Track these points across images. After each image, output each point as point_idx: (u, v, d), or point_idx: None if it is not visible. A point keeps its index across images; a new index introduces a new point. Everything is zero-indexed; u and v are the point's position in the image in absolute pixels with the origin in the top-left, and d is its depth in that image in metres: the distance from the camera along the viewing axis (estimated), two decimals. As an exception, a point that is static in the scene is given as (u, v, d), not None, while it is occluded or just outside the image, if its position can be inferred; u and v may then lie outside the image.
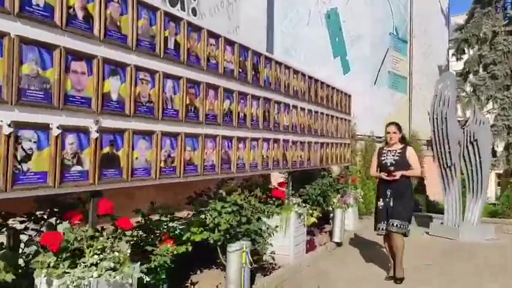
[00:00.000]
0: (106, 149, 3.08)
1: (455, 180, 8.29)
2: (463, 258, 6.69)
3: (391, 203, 5.26)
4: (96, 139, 2.98)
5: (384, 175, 5.34)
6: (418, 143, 13.57)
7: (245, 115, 4.82)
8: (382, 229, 5.39)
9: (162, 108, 3.57)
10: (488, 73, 15.40)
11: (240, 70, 4.74)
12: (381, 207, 5.39)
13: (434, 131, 8.32)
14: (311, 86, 6.74)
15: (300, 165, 6.40)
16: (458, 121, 9.20)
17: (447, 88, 8.13)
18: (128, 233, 3.24)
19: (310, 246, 6.56)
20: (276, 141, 5.58)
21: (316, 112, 6.93)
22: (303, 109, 6.42)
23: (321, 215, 6.83)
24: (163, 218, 4.34)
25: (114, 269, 2.91)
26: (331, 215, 7.53)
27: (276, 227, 5.16)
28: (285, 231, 5.77)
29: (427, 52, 17.36)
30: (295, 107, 6.16)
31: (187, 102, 3.90)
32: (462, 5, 48.46)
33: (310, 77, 6.66)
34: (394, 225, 5.21)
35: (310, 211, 6.54)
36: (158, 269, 3.83)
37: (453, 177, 8.27)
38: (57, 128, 2.73)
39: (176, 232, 4.43)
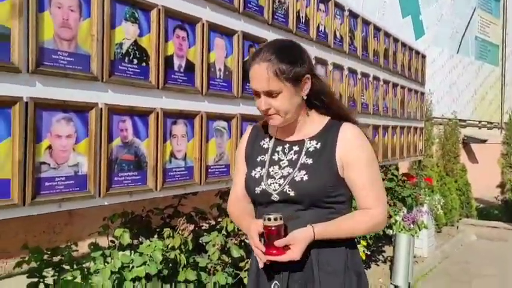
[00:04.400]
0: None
1: None
2: None
3: None
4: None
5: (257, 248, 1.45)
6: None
7: (190, 65, 2.32)
8: None
9: None
10: None
11: None
12: None
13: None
14: (354, 30, 4.01)
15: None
16: None
17: None
18: None
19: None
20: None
21: (364, 75, 4.19)
22: (338, 67, 3.72)
23: (367, 252, 4.12)
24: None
25: None
26: (393, 239, 4.77)
27: None
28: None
29: (527, 12, 13.64)
30: (321, 61, 3.48)
31: None
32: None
33: (350, 12, 3.93)
34: None
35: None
36: None
37: None
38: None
39: None
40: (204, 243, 2.48)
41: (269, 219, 1.38)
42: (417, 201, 5.36)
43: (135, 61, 2.02)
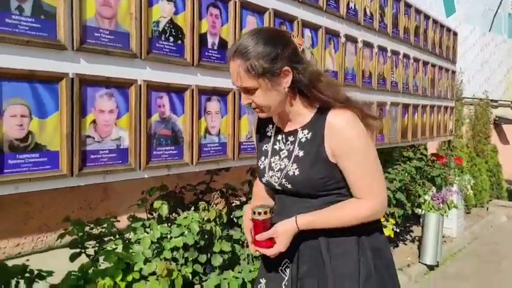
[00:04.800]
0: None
1: None
2: None
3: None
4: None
5: (249, 236, 1.51)
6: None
7: (203, 39, 2.35)
8: None
9: None
10: None
11: None
12: None
13: None
14: (385, 7, 3.95)
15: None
16: None
17: None
18: None
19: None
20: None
21: (394, 52, 4.14)
22: (368, 44, 3.70)
23: (396, 229, 4.12)
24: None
25: None
26: (421, 220, 4.75)
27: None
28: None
29: None
30: (351, 38, 3.47)
31: None
32: None
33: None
34: None
35: (382, 220, 3.90)
36: None
37: None
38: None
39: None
40: (235, 219, 2.56)
41: (254, 213, 1.40)
42: (446, 181, 5.31)
43: (171, 39, 2.07)
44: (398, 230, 4.22)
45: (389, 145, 4.28)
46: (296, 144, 1.45)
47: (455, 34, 5.73)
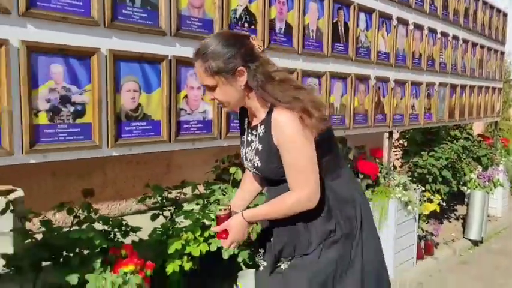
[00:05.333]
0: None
1: None
2: None
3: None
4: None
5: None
6: None
7: (288, 26, 2.60)
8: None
9: None
10: None
11: None
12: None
13: None
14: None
15: (411, 121, 3.93)
16: None
17: None
18: None
19: (427, 249, 4.15)
20: (361, 78, 3.22)
21: (444, 34, 4.26)
22: (419, 27, 3.85)
23: (444, 204, 4.29)
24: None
25: None
26: (466, 199, 4.89)
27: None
28: (379, 229, 3.48)
29: None
30: (402, 21, 3.64)
31: None
32: None
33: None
34: None
35: (428, 194, 4.10)
36: None
37: None
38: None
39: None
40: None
41: (218, 210, 1.72)
42: (493, 162, 5.40)
43: (246, 25, 2.35)
44: (444, 205, 4.38)
45: (437, 124, 4.44)
46: (256, 138, 1.63)
47: (505, 15, 5.72)
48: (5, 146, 1.55)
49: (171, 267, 2.15)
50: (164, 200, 2.69)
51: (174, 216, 2.67)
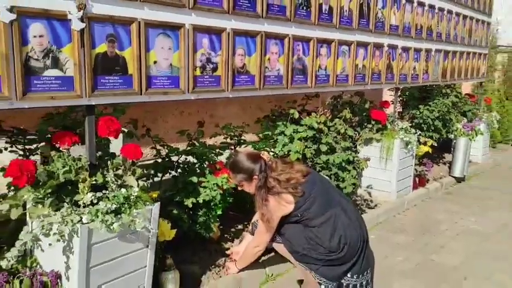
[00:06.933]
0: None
1: None
2: None
3: None
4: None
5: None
6: None
7: (330, 8, 3.56)
8: None
9: None
10: None
11: None
12: None
13: None
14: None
15: (412, 80, 4.96)
16: None
17: None
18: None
19: (420, 181, 5.28)
20: (377, 46, 4.22)
21: (440, 9, 5.24)
22: (421, 4, 4.82)
23: (435, 145, 5.39)
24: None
25: (116, 212, 2.16)
26: (452, 147, 6.00)
27: (367, 160, 3.99)
28: (385, 163, 4.59)
29: None
30: (408, 0, 4.61)
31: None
32: None
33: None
34: None
35: (423, 139, 5.18)
36: (211, 204, 3.03)
37: None
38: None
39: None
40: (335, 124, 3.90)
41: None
42: (476, 116, 6.50)
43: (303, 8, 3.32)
44: (436, 145, 5.43)
45: (432, 83, 5.48)
46: None
47: (492, -11, 6.67)
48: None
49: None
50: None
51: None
